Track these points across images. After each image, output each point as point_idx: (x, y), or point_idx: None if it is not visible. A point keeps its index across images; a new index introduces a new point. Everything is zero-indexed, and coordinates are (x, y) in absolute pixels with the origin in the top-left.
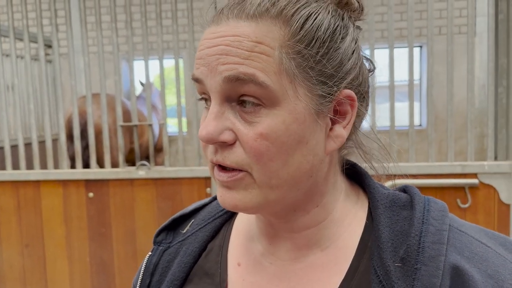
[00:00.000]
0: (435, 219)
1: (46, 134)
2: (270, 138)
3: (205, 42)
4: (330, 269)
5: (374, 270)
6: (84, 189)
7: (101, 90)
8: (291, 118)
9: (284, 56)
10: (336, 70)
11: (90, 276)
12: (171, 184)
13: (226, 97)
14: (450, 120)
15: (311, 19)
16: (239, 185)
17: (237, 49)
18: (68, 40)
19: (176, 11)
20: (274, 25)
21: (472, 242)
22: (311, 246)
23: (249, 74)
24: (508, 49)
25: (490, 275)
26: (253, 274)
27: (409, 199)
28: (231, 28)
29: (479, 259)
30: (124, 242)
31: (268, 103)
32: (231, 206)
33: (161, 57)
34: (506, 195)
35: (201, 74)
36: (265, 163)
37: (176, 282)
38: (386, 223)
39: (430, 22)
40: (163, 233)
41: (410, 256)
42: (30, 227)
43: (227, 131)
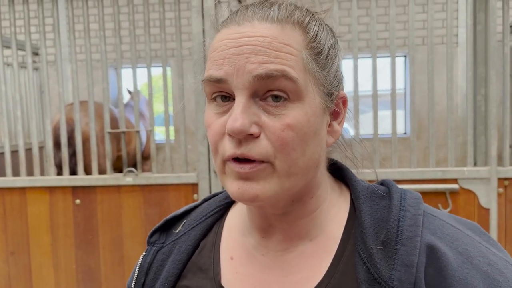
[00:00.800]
0: (411, 205)
1: (33, 141)
2: (295, 128)
3: (228, 42)
4: (319, 256)
5: (358, 253)
6: (71, 196)
7: (88, 98)
8: (311, 111)
9: (307, 57)
10: (336, 73)
11: (77, 284)
12: (158, 191)
13: (252, 94)
14: (432, 127)
15: (322, 30)
16: (259, 175)
17: (266, 49)
18: (56, 47)
19: (164, 20)
20: (295, 31)
21: (444, 225)
22: (302, 237)
23: (280, 70)
24: (486, 59)
25: (460, 252)
26: (246, 266)
27: (387, 190)
28: (258, 29)
29: (450, 238)
30: (111, 249)
31: (294, 97)
32: (251, 197)
33: (149, 65)
34: (486, 199)
35: (225, 74)
36: (288, 152)
37: (170, 279)
38: (368, 212)
39: (411, 33)
40: (157, 234)
41: (390, 239)
42: (15, 235)
43: (254, 125)
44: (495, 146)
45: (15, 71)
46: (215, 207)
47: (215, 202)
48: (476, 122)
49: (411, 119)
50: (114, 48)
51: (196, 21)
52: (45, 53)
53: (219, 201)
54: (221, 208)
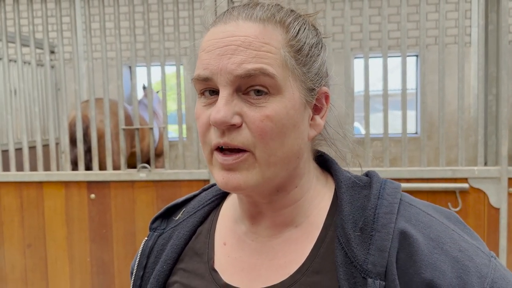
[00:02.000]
0: (388, 194)
1: (50, 137)
2: (274, 119)
3: (215, 42)
4: (303, 241)
5: (337, 239)
6: (86, 190)
7: (104, 95)
8: (290, 104)
9: (286, 54)
10: (318, 70)
11: (91, 277)
12: (170, 186)
13: (235, 89)
14: (442, 127)
15: (303, 29)
16: (242, 166)
17: (247, 49)
18: (72, 46)
19: (178, 19)
20: (276, 30)
21: (419, 213)
22: (288, 224)
23: (258, 69)
24: (498, 59)
25: (432, 238)
26: (237, 251)
27: (369, 180)
28: (241, 28)
29: (424, 226)
30: (124, 243)
31: (274, 91)
32: (233, 187)
33: (163, 64)
34: (496, 199)
35: (211, 73)
36: (267, 142)
37: (169, 262)
38: (348, 200)
39: (422, 32)
40: (158, 221)
41: (367, 225)
42: (32, 228)
43: (236, 115)
44: (506, 146)
45: (33, 68)
46: (212, 196)
47: (212, 192)
48: (487, 122)
49: (422, 119)
50: (129, 47)
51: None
52: (62, 51)
53: (216, 191)
54: (217, 198)
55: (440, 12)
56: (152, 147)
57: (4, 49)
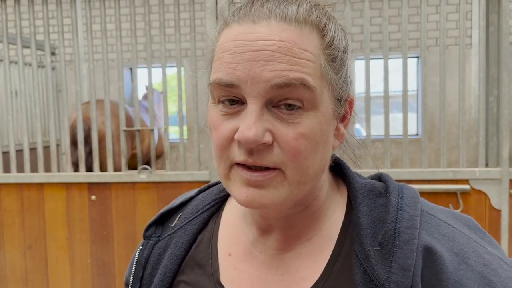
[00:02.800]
0: (408, 205)
1: (51, 139)
2: (308, 137)
3: (243, 45)
4: (316, 256)
5: (355, 255)
6: (86, 192)
7: (105, 97)
8: (324, 119)
9: (324, 63)
10: (346, 76)
11: (91, 278)
12: (171, 188)
13: (267, 101)
14: (443, 128)
15: (337, 32)
16: (270, 183)
17: (285, 55)
18: (74, 47)
19: (179, 20)
20: (312, 33)
21: (440, 224)
22: (300, 237)
23: (300, 79)
24: (499, 60)
25: (456, 253)
26: (244, 263)
27: (385, 187)
28: (276, 32)
29: (447, 239)
30: (125, 244)
31: (309, 106)
32: (260, 205)
33: (164, 65)
34: (497, 200)
35: (237, 79)
36: (300, 161)
37: (168, 274)
38: (365, 211)
39: (423, 34)
40: (152, 228)
41: (387, 240)
42: (33, 229)
43: (267, 133)
44: (507, 147)
45: (34, 70)
46: (211, 200)
47: (211, 195)
48: (488, 123)
49: (423, 120)
50: (130, 48)
51: (210, 22)
52: (63, 53)
53: (215, 193)
54: (217, 202)
55: (441, 14)
56: (153, 149)
57: (5, 50)
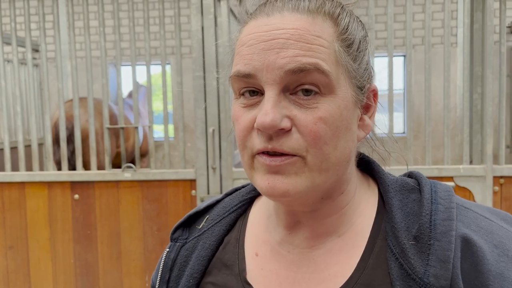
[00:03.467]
0: (442, 198)
1: (32, 137)
2: (328, 122)
3: (258, 36)
4: (347, 252)
5: (390, 249)
6: (69, 191)
7: (88, 94)
8: (343, 104)
9: (338, 49)
10: (367, 66)
11: (74, 278)
12: (156, 186)
13: (283, 88)
14: (428, 126)
15: (352, 22)
16: (290, 169)
17: (298, 42)
18: (56, 44)
19: (164, 18)
20: (325, 22)
21: (477, 217)
22: (330, 233)
23: (313, 64)
24: (483, 58)
25: (495, 245)
26: (272, 263)
27: (416, 183)
28: (288, 21)
29: (485, 231)
30: (109, 243)
31: (326, 91)
32: (281, 192)
33: (149, 63)
34: (481, 197)
35: (254, 69)
36: (320, 146)
37: (195, 275)
38: (398, 206)
39: (408, 32)
40: (179, 230)
41: (423, 233)
42: (14, 229)
43: (285, 118)
44: (491, 144)
45: (15, 67)
46: (238, 202)
47: (238, 197)
48: (472, 120)
49: (409, 118)
50: (114, 45)
51: (195, 19)
52: (45, 50)
53: (242, 195)
54: (244, 203)
55: (426, 12)
56: (137, 147)
57: None
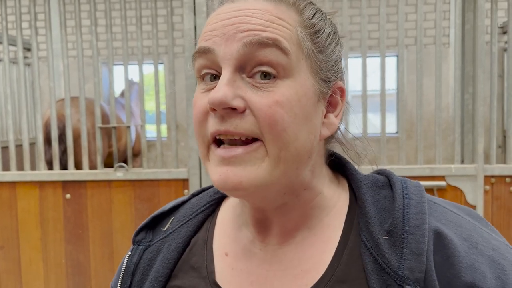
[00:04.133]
0: (414, 193)
1: (23, 136)
2: (284, 106)
3: (219, 16)
4: (319, 246)
5: (364, 244)
6: (61, 190)
7: (80, 94)
8: (302, 91)
9: (302, 33)
10: (335, 62)
11: (66, 278)
12: (148, 186)
13: (240, 66)
14: (420, 125)
15: (318, 14)
16: (248, 159)
17: (258, 19)
18: (48, 43)
19: (156, 17)
20: (289, 10)
21: (446, 211)
22: (299, 227)
23: (273, 38)
24: (474, 58)
25: (465, 238)
26: (243, 262)
27: (387, 180)
28: (251, 4)
29: (454, 225)
30: (101, 243)
31: (283, 74)
32: (234, 185)
33: (141, 62)
34: (472, 196)
35: (213, 43)
36: (279, 132)
37: (160, 279)
38: (371, 201)
39: (400, 32)
40: (143, 232)
41: (397, 228)
42: (5, 229)
43: (238, 98)
44: (482, 144)
45: (6, 66)
46: (206, 203)
47: (205, 197)
48: (464, 120)
49: (401, 118)
50: (106, 45)
51: (188, 18)
52: (37, 49)
53: (210, 196)
54: (212, 204)
55: (419, 13)
56: (130, 146)
57: None
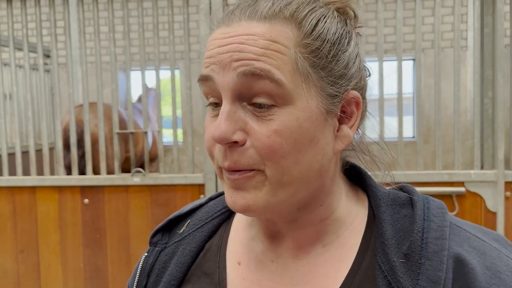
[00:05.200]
0: (435, 216)
1: (43, 142)
2: (283, 135)
3: (216, 42)
4: (333, 265)
5: (378, 266)
6: (79, 195)
7: (98, 99)
8: (304, 116)
9: (298, 55)
10: (344, 71)
11: (84, 282)
12: (165, 191)
13: (238, 95)
14: (438, 130)
15: (322, 22)
16: (250, 183)
17: (251, 46)
18: (67, 50)
19: (173, 23)
20: (286, 26)
21: (470, 237)
22: (313, 243)
23: (265, 70)
24: (494, 62)
25: (487, 267)
26: (254, 273)
27: (408, 198)
28: (244, 29)
29: (478, 252)
30: (118, 248)
31: (282, 102)
32: (242, 207)
33: (158, 68)
34: (492, 203)
35: (211, 71)
36: (277, 160)
37: (173, 282)
38: (389, 221)
39: (418, 36)
40: (159, 234)
41: (414, 251)
42: (25, 233)
43: (239, 131)
44: (502, 149)
45: (27, 72)
46: (222, 207)
47: (221, 202)
48: (484, 125)
49: (418, 122)
50: (124, 51)
51: (204, 24)
52: (56, 55)
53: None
54: (228, 209)
55: (436, 16)
56: (147, 151)
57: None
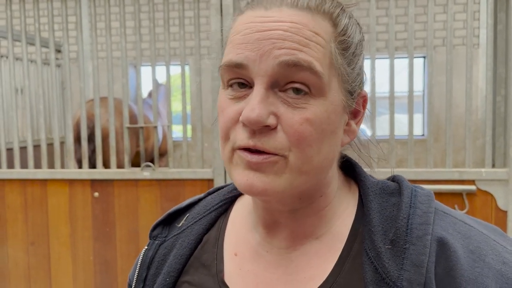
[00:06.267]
0: (421, 203)
1: (54, 135)
2: (314, 124)
3: (253, 26)
4: (324, 255)
5: (365, 252)
6: (89, 188)
7: (108, 94)
8: (332, 108)
9: (335, 50)
10: (359, 71)
11: (94, 275)
12: (174, 186)
13: (273, 83)
14: (449, 128)
15: (351, 24)
16: (271, 168)
17: (296, 35)
18: (78, 45)
19: (184, 18)
20: (324, 21)
21: (456, 222)
22: (308, 235)
23: (308, 62)
24: (507, 59)
25: (471, 250)
26: (250, 263)
27: (397, 187)
28: (287, 15)
29: (462, 236)
30: (128, 241)
31: (316, 93)
32: (260, 190)
33: (168, 63)
34: (503, 201)
35: (246, 59)
36: (303, 148)
37: (172, 274)
38: (377, 209)
39: (429, 33)
40: (159, 228)
41: (399, 237)
42: (36, 225)
43: (271, 116)
44: None
45: (39, 67)
46: (219, 201)
47: (219, 196)
48: (495, 123)
49: (429, 120)
50: (134, 46)
51: (214, 20)
52: (68, 50)
53: (224, 194)
54: (225, 202)
55: (448, 13)
56: (156, 146)
57: (9, 47)
